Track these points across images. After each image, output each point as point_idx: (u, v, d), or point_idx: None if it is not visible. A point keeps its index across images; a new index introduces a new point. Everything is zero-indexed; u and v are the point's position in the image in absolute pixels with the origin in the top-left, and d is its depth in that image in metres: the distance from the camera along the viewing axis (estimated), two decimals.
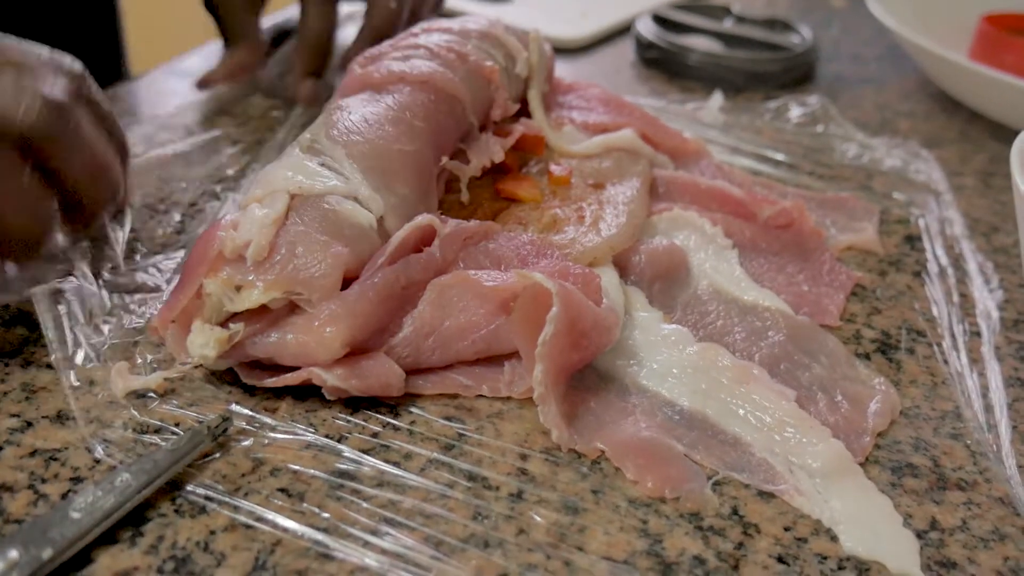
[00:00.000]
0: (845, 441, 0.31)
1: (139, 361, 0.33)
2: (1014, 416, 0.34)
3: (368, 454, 0.30)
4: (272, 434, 0.30)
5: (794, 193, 0.48)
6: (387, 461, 0.30)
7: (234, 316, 0.31)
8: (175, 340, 0.32)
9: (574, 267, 0.35)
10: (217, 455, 0.29)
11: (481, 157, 0.42)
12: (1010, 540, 0.29)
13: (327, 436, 0.30)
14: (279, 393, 0.32)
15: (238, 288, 0.31)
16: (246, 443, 0.30)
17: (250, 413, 0.31)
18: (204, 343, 0.30)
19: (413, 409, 0.32)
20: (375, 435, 0.31)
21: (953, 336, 0.38)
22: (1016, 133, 0.39)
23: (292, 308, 0.31)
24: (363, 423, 0.31)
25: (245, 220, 0.32)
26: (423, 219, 0.34)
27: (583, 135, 0.47)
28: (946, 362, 0.37)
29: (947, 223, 0.47)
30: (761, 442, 0.31)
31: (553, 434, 0.30)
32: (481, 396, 0.33)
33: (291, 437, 0.30)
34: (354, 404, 0.32)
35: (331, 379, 0.31)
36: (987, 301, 0.41)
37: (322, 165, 0.35)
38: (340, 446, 0.30)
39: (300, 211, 0.32)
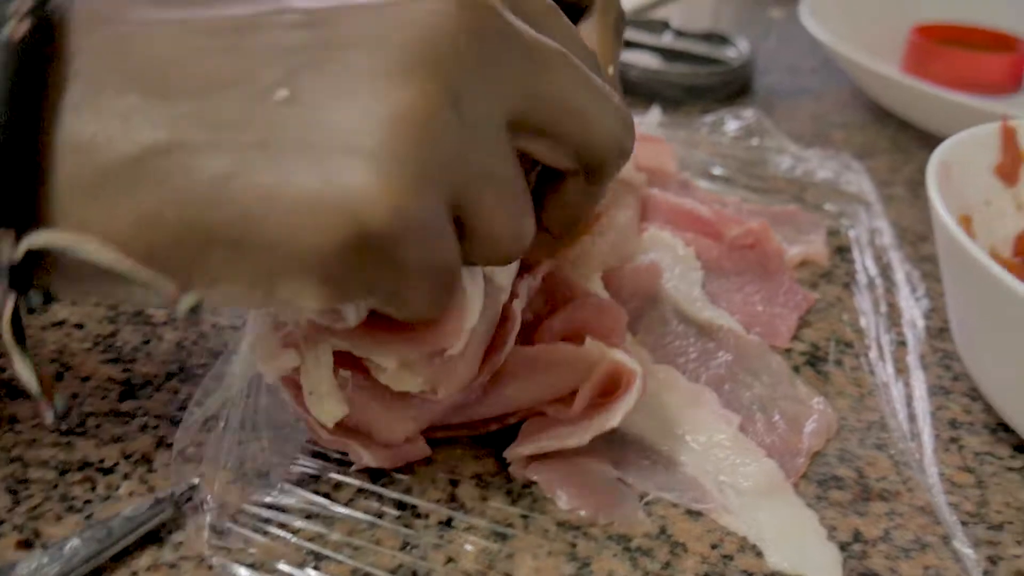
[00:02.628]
0: (780, 461, 0.32)
1: None
2: (936, 424, 0.35)
3: (298, 486, 0.30)
4: (199, 465, 0.30)
5: (749, 210, 0.48)
6: (316, 492, 0.29)
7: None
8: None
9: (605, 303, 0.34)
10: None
11: None
12: (931, 549, 0.29)
13: (255, 469, 0.30)
14: None
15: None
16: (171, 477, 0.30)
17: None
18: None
19: None
20: (305, 466, 0.31)
21: (880, 346, 0.39)
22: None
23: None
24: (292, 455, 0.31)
25: None
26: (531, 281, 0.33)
27: None
28: (873, 373, 0.37)
29: (877, 233, 0.48)
30: (695, 462, 0.32)
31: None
32: None
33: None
34: None
35: (367, 458, 0.29)
36: (913, 310, 0.42)
37: None
38: (268, 478, 0.30)
39: None
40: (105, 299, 0.30)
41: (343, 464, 0.30)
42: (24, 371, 0.21)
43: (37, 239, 0.20)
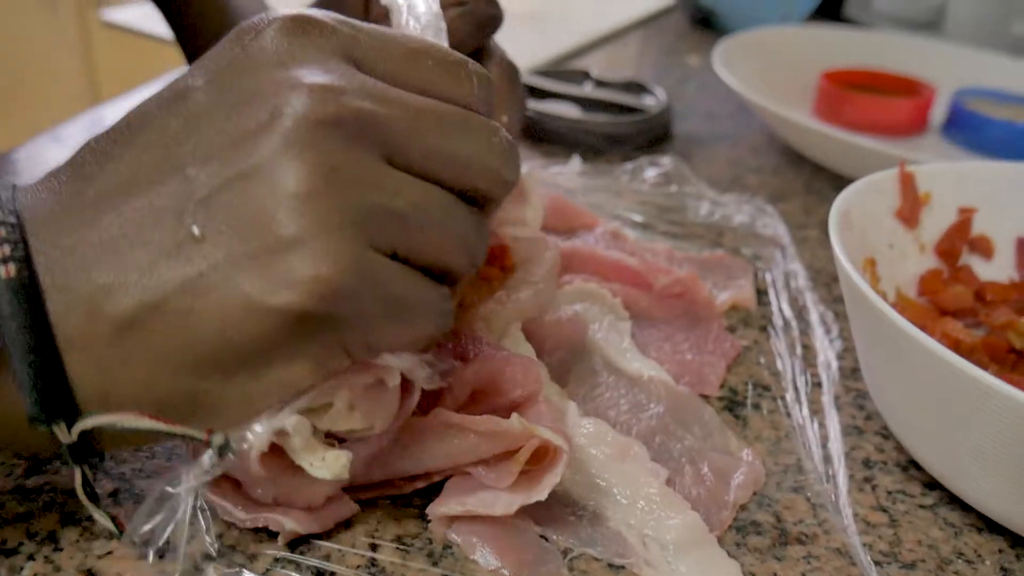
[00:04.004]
0: (705, 514, 0.32)
1: None
2: (851, 465, 0.36)
3: (208, 560, 0.29)
4: (110, 541, 0.29)
5: (681, 257, 0.49)
6: (230, 565, 0.29)
7: None
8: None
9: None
10: None
11: None
12: None
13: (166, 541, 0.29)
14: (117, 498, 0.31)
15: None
16: (78, 555, 0.29)
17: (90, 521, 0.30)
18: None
19: None
20: (219, 536, 0.30)
21: (796, 388, 0.40)
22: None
23: None
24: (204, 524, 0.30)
25: None
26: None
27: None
28: (789, 415, 0.38)
29: (791, 276, 0.50)
30: (620, 516, 0.32)
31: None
32: None
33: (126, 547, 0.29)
34: None
35: (290, 525, 0.29)
36: (827, 351, 0.43)
37: None
38: (176, 553, 0.29)
39: None
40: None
41: (259, 532, 0.30)
42: (103, 520, 0.27)
43: (85, 424, 0.25)
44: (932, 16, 1.04)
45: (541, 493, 0.30)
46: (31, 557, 0.29)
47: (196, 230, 0.24)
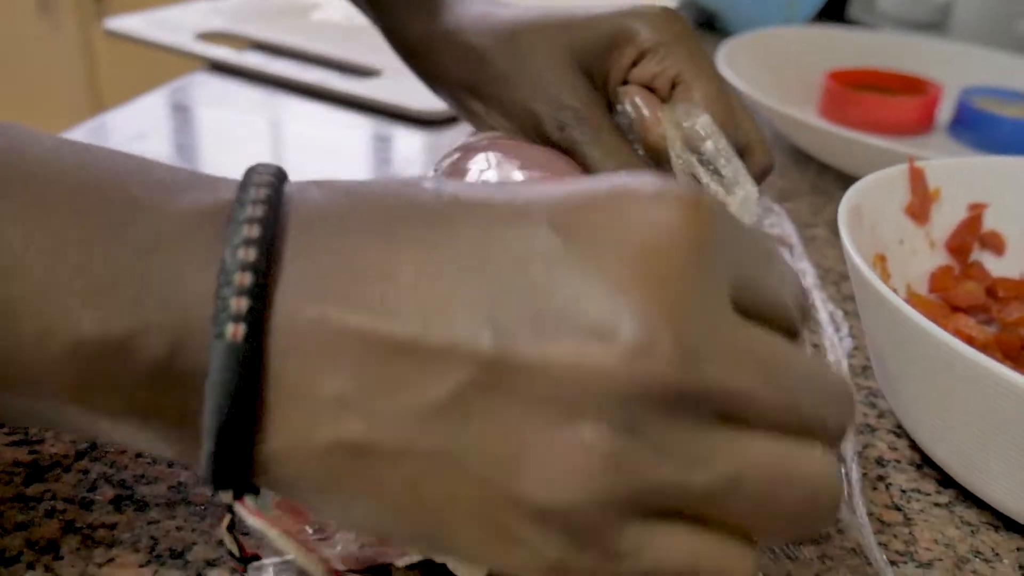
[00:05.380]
0: None
1: None
2: (864, 463, 0.35)
3: (213, 566, 0.28)
4: (111, 549, 0.29)
5: None
6: (235, 572, 0.28)
7: None
8: None
9: None
10: None
11: None
12: None
13: (170, 549, 0.29)
14: None
15: None
16: (79, 563, 0.28)
17: None
18: None
19: None
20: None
21: None
22: None
23: None
24: None
25: None
26: None
27: None
28: None
29: (800, 275, 0.49)
30: None
31: None
32: None
33: None
34: None
35: None
36: (837, 350, 0.42)
37: None
38: (184, 558, 0.28)
39: None
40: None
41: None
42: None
43: (242, 516, 0.21)
44: (936, 16, 1.04)
45: None
46: (31, 566, 0.28)
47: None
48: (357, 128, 0.67)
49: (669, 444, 0.19)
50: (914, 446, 0.36)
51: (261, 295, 0.19)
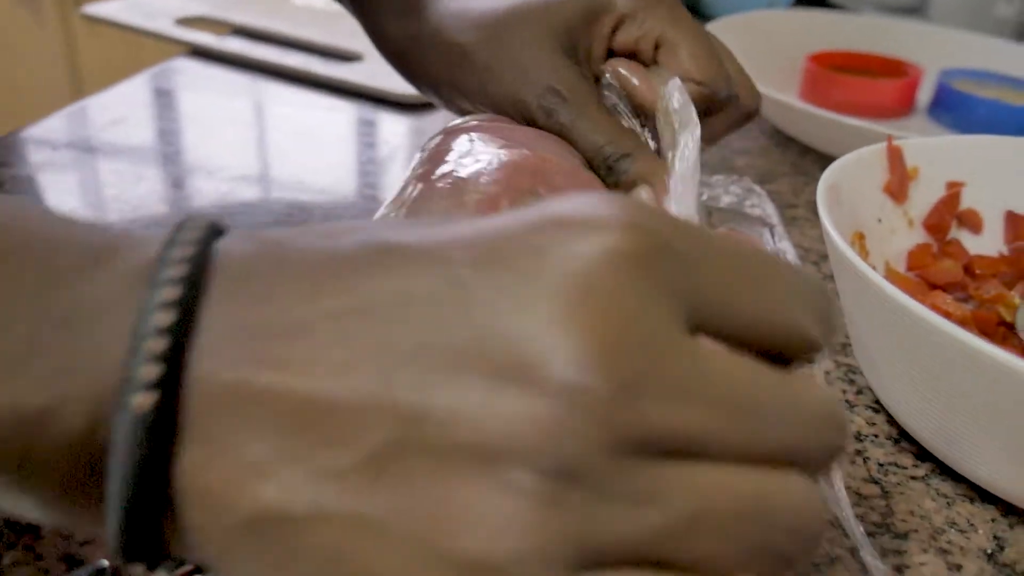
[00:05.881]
0: None
1: None
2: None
3: None
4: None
5: None
6: None
7: None
8: None
9: None
10: None
11: None
12: (840, 562, 0.30)
13: None
14: None
15: None
16: (60, 543, 0.28)
17: None
18: None
19: None
20: None
21: None
22: None
23: None
24: None
25: None
26: None
27: None
28: None
29: (781, 255, 0.49)
30: None
31: None
32: None
33: None
34: None
35: None
36: None
37: None
38: None
39: None
40: None
41: None
42: None
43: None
44: (916, 0, 1.04)
45: None
46: (11, 546, 0.28)
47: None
48: (341, 112, 0.67)
49: (614, 485, 0.17)
50: (891, 421, 0.37)
51: (176, 360, 0.18)
